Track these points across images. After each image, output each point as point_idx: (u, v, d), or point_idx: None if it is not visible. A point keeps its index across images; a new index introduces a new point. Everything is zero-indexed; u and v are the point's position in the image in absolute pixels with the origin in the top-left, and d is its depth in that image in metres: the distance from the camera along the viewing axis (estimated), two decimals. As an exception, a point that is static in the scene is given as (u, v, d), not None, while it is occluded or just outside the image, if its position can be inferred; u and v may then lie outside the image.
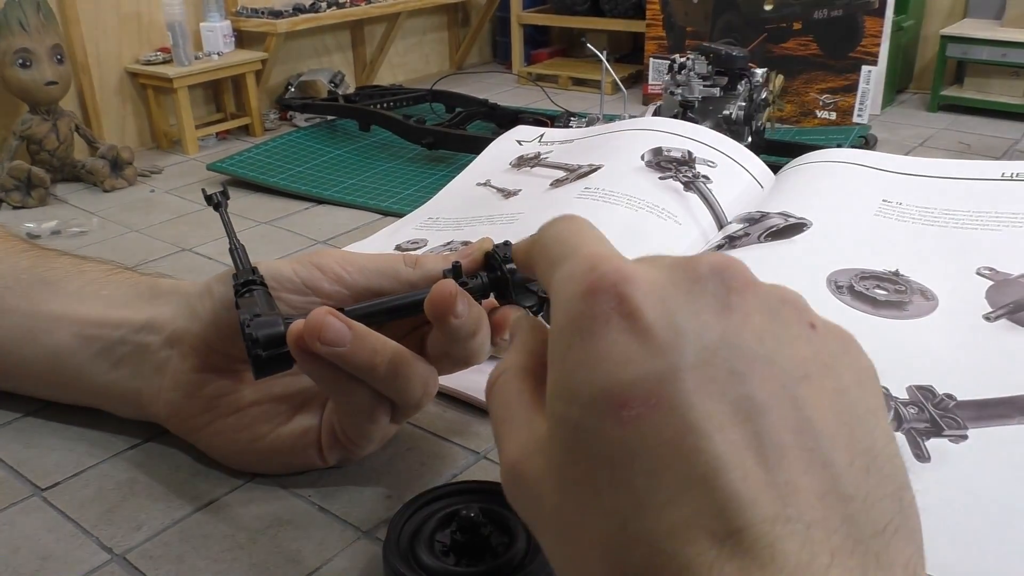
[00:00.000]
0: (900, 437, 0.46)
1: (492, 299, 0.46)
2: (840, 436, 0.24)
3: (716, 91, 0.95)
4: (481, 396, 0.53)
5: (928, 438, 0.46)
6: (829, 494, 0.23)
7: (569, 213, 0.34)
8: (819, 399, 0.25)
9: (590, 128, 0.96)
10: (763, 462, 0.23)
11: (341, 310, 0.42)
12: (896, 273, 0.61)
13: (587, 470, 0.25)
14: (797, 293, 0.28)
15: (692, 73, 0.96)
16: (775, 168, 0.85)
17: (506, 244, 0.46)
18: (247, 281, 0.43)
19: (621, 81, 1.08)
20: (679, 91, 0.96)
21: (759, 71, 0.97)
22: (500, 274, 0.45)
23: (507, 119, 1.13)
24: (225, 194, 0.49)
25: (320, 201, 0.95)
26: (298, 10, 1.31)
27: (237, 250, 0.45)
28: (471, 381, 0.53)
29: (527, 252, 0.35)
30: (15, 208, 0.96)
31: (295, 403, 0.47)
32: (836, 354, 0.26)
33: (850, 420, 0.25)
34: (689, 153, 0.80)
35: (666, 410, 0.24)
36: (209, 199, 0.48)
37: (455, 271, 0.45)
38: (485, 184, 0.86)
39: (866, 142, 1.09)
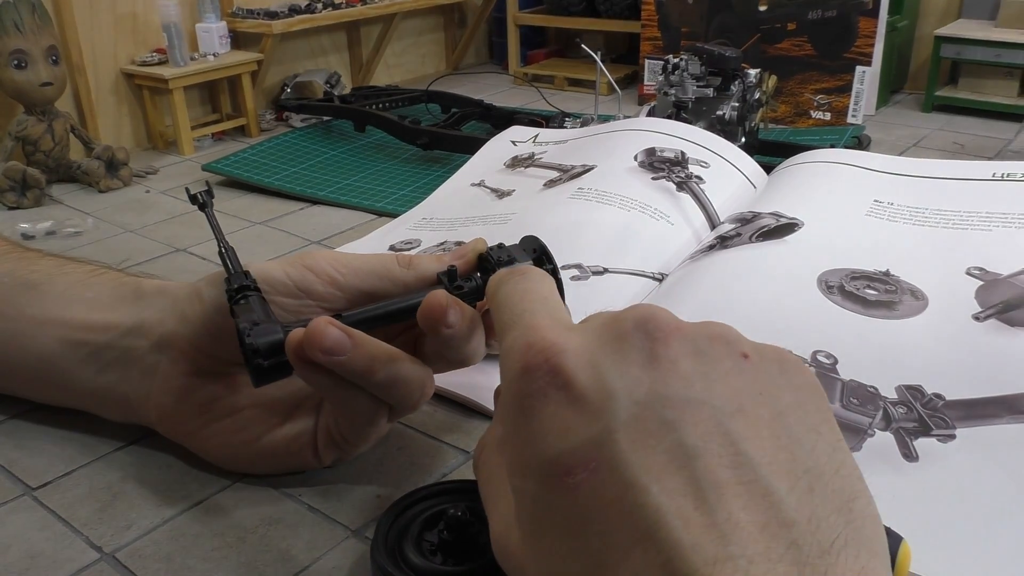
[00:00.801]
0: (888, 436, 0.46)
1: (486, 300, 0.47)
2: (779, 462, 0.25)
3: (710, 92, 0.96)
4: (471, 394, 0.53)
5: (916, 437, 0.46)
6: (771, 523, 0.24)
7: (521, 267, 0.36)
8: (755, 429, 0.25)
9: (584, 128, 0.96)
10: (702, 505, 0.24)
11: (338, 316, 0.42)
12: (887, 273, 0.61)
13: (551, 539, 0.27)
14: (726, 326, 0.29)
15: (686, 74, 0.96)
16: (768, 168, 0.85)
17: (500, 247, 0.47)
18: (241, 287, 0.42)
19: (616, 82, 1.08)
20: (673, 91, 0.96)
21: (752, 71, 0.97)
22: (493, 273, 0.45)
23: (502, 120, 1.13)
24: (210, 193, 0.47)
25: (315, 201, 0.96)
26: (294, 11, 1.31)
27: (227, 252, 0.44)
28: (462, 380, 0.53)
29: (491, 299, 0.36)
30: (10, 209, 0.96)
31: (289, 404, 0.47)
32: (772, 378, 0.27)
33: (789, 443, 0.25)
34: (682, 153, 0.80)
35: (605, 472, 0.25)
36: (193, 199, 0.47)
37: (450, 275, 0.45)
38: (479, 184, 0.87)
39: (860, 142, 1.09)
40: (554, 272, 0.46)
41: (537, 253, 0.47)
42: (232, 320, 0.42)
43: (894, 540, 0.29)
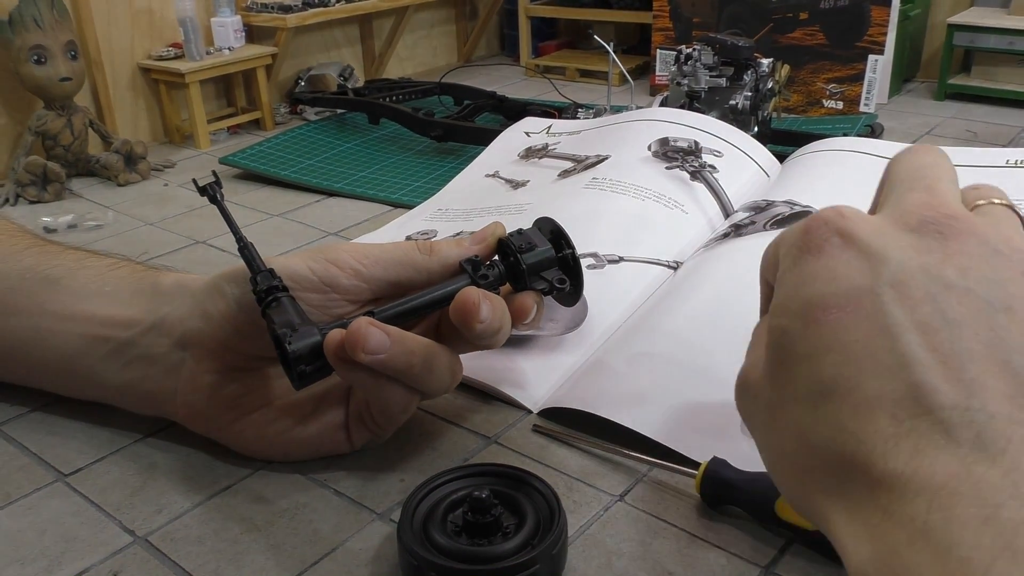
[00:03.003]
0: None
1: (507, 285, 0.48)
2: None
3: (722, 81, 0.96)
4: (490, 380, 0.54)
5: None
6: (1018, 396, 0.25)
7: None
8: (1019, 326, 0.27)
9: (597, 119, 0.97)
10: (951, 362, 0.26)
11: (370, 313, 0.43)
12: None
13: (789, 366, 0.29)
14: (1021, 246, 0.29)
15: (698, 64, 0.96)
16: (782, 157, 0.85)
17: (520, 232, 0.47)
18: (270, 287, 0.43)
19: (628, 72, 1.09)
20: (686, 81, 0.96)
21: (765, 61, 0.98)
22: (514, 260, 0.46)
23: (515, 111, 1.14)
24: (218, 183, 0.46)
25: (331, 194, 0.97)
26: (307, 4, 1.32)
27: (248, 249, 0.45)
28: (481, 364, 0.54)
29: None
30: (32, 203, 0.98)
31: (319, 393, 0.48)
32: None
33: None
34: (696, 143, 0.81)
35: (862, 315, 0.27)
36: (203, 191, 0.46)
37: (474, 265, 0.46)
38: (494, 175, 0.87)
39: (872, 131, 1.09)
40: (572, 254, 0.47)
41: (554, 235, 0.48)
42: (260, 318, 0.43)
43: None
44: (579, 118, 1.06)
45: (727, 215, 0.75)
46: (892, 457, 0.25)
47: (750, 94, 0.95)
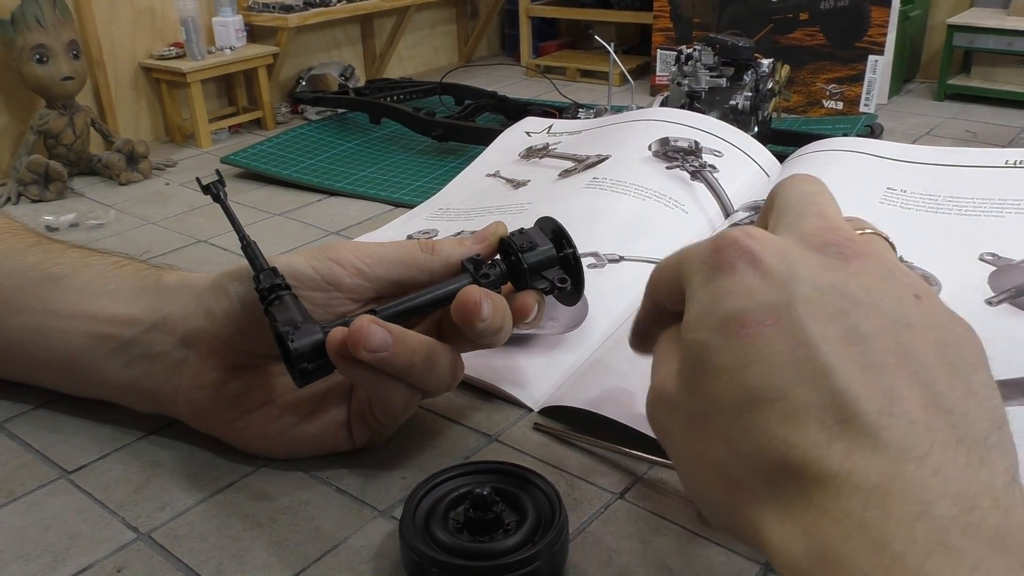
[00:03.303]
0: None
1: (508, 284, 0.48)
2: (942, 369, 0.27)
3: (723, 81, 0.96)
4: (490, 379, 0.54)
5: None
6: (931, 405, 0.26)
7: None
8: (922, 342, 0.28)
9: (598, 119, 0.97)
10: (869, 371, 0.27)
11: (373, 311, 0.43)
12: (900, 260, 0.61)
13: (713, 377, 0.30)
14: (906, 270, 0.31)
15: (699, 64, 0.97)
16: (781, 157, 0.86)
17: (521, 232, 0.48)
18: (273, 285, 0.43)
19: (629, 72, 1.09)
20: (686, 82, 0.97)
21: (765, 61, 0.98)
22: (515, 259, 0.46)
23: (516, 111, 1.14)
24: (221, 182, 0.47)
25: (332, 193, 0.97)
26: (309, 4, 1.32)
27: (251, 247, 0.45)
28: (481, 363, 0.55)
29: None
30: (34, 201, 0.98)
31: (320, 390, 0.48)
32: (943, 319, 0.29)
33: (951, 361, 0.28)
34: (696, 143, 0.81)
35: (782, 328, 0.28)
36: (206, 189, 0.46)
37: (475, 264, 0.46)
38: (494, 175, 0.87)
39: (872, 131, 1.09)
40: (573, 254, 0.47)
41: (556, 235, 0.48)
42: (263, 316, 0.43)
43: None
44: (580, 118, 1.06)
45: (727, 215, 0.75)
46: (826, 459, 0.26)
47: (750, 94, 0.96)
